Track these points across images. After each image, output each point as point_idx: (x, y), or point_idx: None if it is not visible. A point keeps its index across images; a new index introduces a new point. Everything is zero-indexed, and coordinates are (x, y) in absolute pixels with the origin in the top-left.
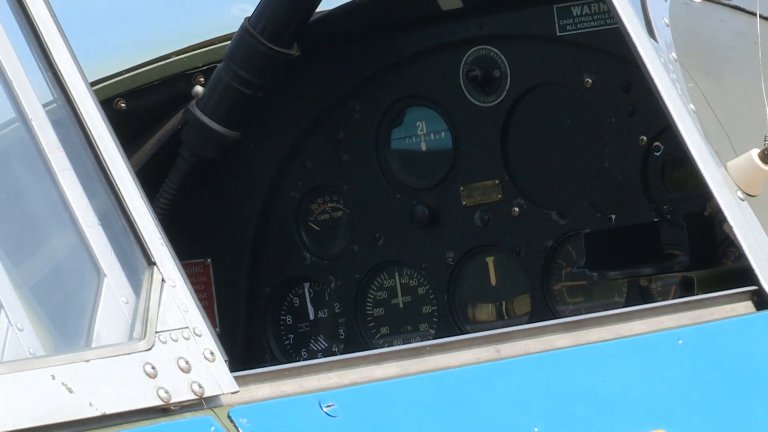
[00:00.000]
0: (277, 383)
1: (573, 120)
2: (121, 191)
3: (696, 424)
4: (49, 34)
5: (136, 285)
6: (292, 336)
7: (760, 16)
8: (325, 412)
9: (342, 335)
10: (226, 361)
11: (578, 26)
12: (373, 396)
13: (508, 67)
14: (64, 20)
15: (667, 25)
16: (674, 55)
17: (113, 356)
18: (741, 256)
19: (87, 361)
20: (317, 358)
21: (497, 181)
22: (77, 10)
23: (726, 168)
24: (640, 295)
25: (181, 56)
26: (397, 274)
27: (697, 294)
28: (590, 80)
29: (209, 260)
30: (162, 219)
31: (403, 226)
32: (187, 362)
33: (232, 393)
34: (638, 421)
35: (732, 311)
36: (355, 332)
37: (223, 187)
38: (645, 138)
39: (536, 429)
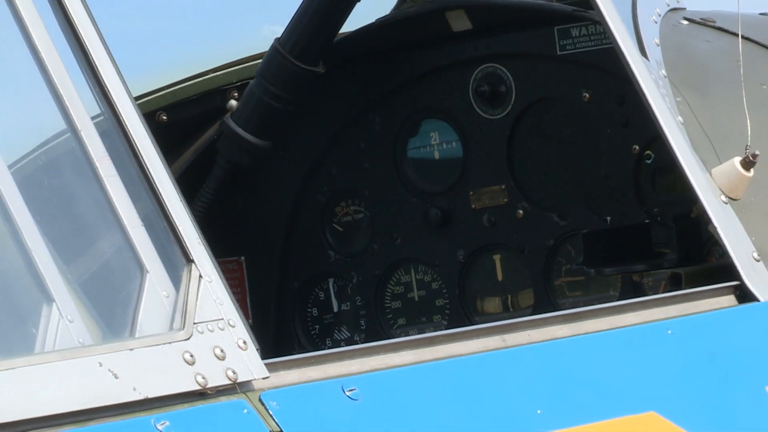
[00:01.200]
0: (304, 369)
1: (572, 131)
2: (163, 195)
3: (684, 407)
4: (97, 54)
5: (175, 280)
6: (317, 326)
7: (742, 37)
8: (348, 396)
9: (363, 326)
10: (257, 349)
11: (577, 46)
12: (391, 381)
13: (513, 83)
14: (111, 41)
15: (658, 45)
16: (664, 72)
17: (155, 345)
18: (724, 254)
19: (131, 349)
20: (340, 346)
21: (503, 186)
22: (123, 33)
23: (711, 174)
24: (632, 289)
25: (217, 73)
26: (412, 270)
27: (684, 288)
28: (587, 95)
29: (243, 258)
30: (199, 220)
31: (418, 227)
32: (222, 350)
33: (263, 378)
34: (631, 404)
35: (716, 304)
36: (375, 323)
37: (255, 192)
38: (637, 147)
39: (539, 411)
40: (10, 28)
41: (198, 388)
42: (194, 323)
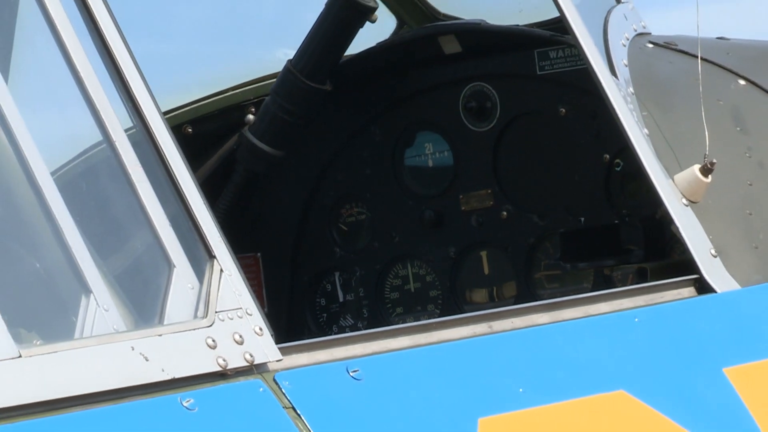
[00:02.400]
0: (314, 353)
1: (550, 142)
2: (188, 199)
3: (649, 386)
4: (129, 74)
5: (199, 274)
6: (325, 315)
7: (701, 58)
8: (352, 376)
9: (365, 314)
10: (272, 335)
11: (554, 66)
12: (391, 363)
13: (498, 100)
14: (142, 62)
15: (626, 66)
16: (631, 89)
17: (181, 331)
18: (685, 251)
19: (160, 335)
20: (345, 332)
21: (489, 191)
22: (153, 54)
23: (673, 180)
24: (603, 281)
25: (236, 91)
26: (409, 265)
27: (650, 281)
28: (564, 110)
29: (259, 254)
30: (220, 221)
31: (414, 227)
32: (240, 336)
33: (277, 361)
34: (603, 384)
35: (678, 295)
36: (376, 312)
37: (269, 195)
38: (608, 156)
39: (521, 389)
40: (54, 52)
41: (219, 369)
42: (216, 312)
